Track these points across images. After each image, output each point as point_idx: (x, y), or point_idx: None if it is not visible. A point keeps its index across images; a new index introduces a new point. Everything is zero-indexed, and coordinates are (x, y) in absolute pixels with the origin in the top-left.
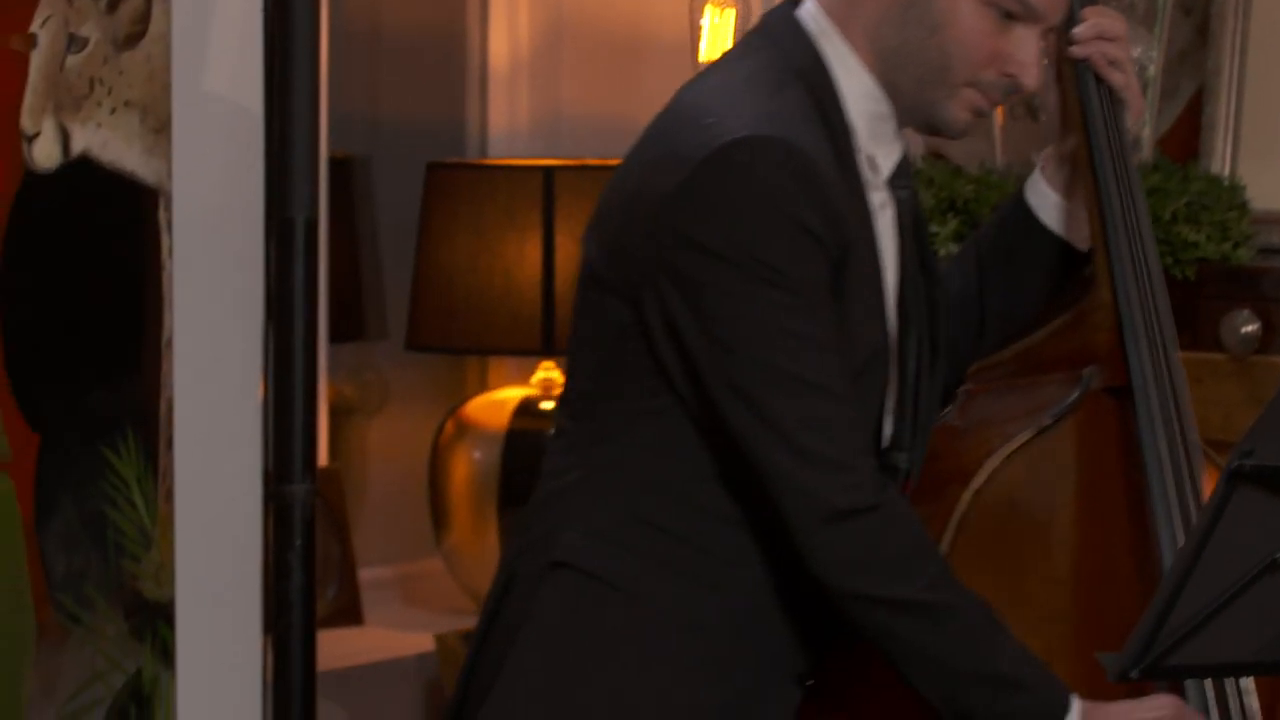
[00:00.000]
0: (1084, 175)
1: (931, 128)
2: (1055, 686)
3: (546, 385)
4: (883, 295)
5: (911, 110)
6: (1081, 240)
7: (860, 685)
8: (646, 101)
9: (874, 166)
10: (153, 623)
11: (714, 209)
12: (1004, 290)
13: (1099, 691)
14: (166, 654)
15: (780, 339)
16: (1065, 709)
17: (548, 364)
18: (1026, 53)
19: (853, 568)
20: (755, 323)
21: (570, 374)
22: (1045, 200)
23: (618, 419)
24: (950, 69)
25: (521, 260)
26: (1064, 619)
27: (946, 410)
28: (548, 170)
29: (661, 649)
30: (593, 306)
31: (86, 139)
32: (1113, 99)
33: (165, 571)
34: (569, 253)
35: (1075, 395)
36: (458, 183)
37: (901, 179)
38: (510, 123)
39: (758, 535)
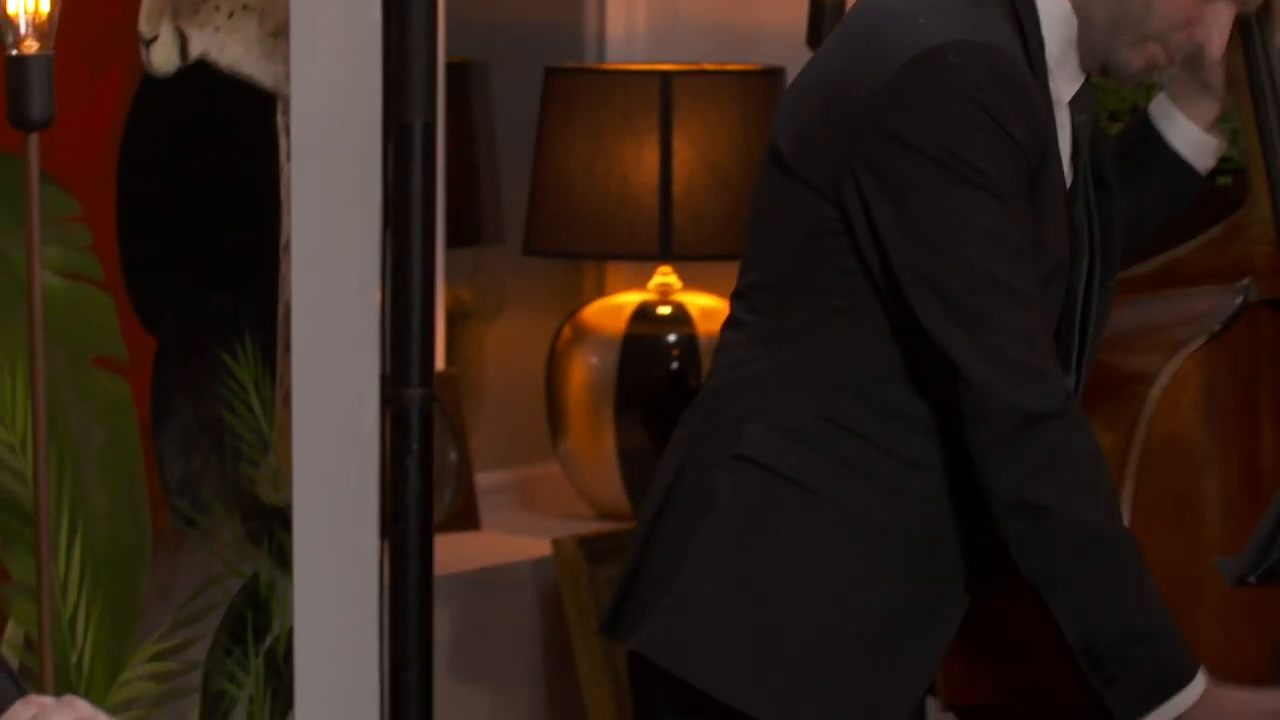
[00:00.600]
0: (1243, 96)
1: (1105, 69)
2: (1185, 651)
3: (663, 290)
4: (1068, 209)
5: (1093, 48)
6: (1205, 165)
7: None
8: (763, 6)
9: (1058, 89)
10: (270, 527)
11: (923, 108)
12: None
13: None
14: (283, 558)
15: (981, 240)
16: (1189, 678)
17: (664, 269)
18: (1223, 25)
19: (1034, 475)
20: (957, 222)
21: (751, 268)
22: (1175, 124)
23: (807, 316)
24: (1147, 20)
25: (639, 165)
26: (1225, 520)
27: None
28: (665, 75)
29: (844, 552)
30: (782, 200)
31: (204, 43)
32: (1263, 20)
33: (282, 476)
34: (686, 157)
35: (1239, 303)
36: (575, 88)
37: (1082, 102)
38: (628, 27)
39: (943, 440)
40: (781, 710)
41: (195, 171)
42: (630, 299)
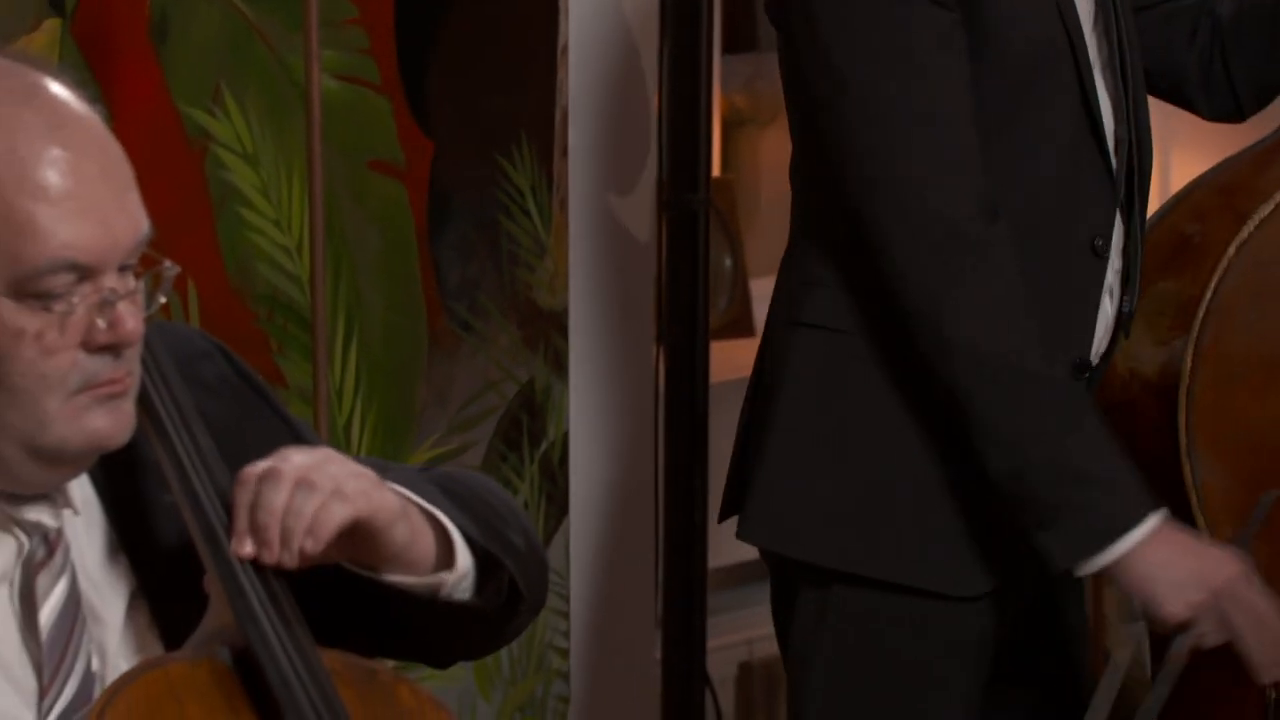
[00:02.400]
0: None
1: None
2: (1130, 495)
3: None
4: None
5: None
6: None
7: None
8: None
9: None
10: (546, 332)
11: None
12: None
13: None
14: (559, 363)
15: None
16: (1135, 520)
17: None
18: None
19: (936, 299)
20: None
21: None
22: None
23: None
24: None
25: None
26: None
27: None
28: None
29: (906, 381)
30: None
31: None
32: None
33: (559, 280)
34: None
35: None
36: None
37: None
38: None
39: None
40: (898, 565)
41: None
42: None
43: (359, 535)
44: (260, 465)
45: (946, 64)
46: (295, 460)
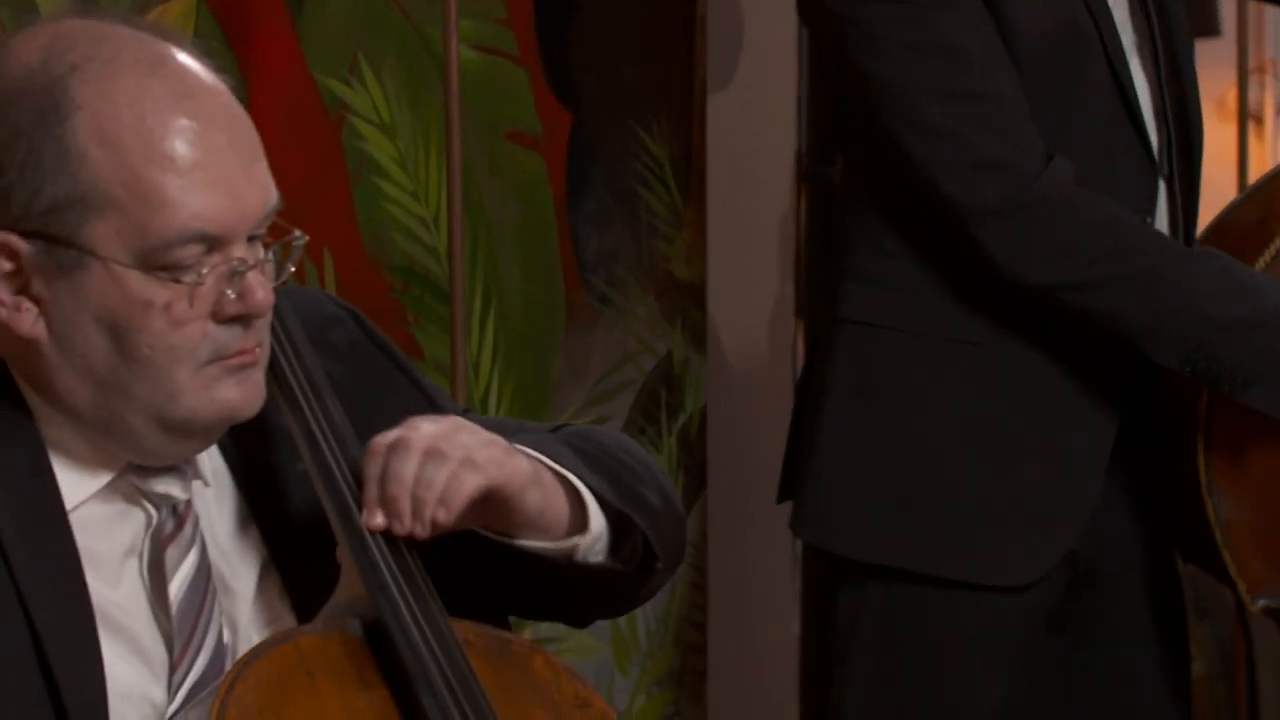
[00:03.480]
0: None
1: None
2: None
3: None
4: None
5: None
6: None
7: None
8: None
9: None
10: (683, 304)
11: None
12: None
13: None
14: (697, 336)
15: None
16: None
17: None
18: None
19: (1017, 261)
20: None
21: None
22: None
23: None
24: None
25: None
26: None
27: None
28: None
29: (956, 378)
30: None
31: None
32: None
33: (696, 252)
34: None
35: None
36: None
37: None
38: None
39: None
40: (942, 559)
41: None
42: None
43: (491, 503)
44: (389, 435)
45: (979, 41)
46: (424, 429)
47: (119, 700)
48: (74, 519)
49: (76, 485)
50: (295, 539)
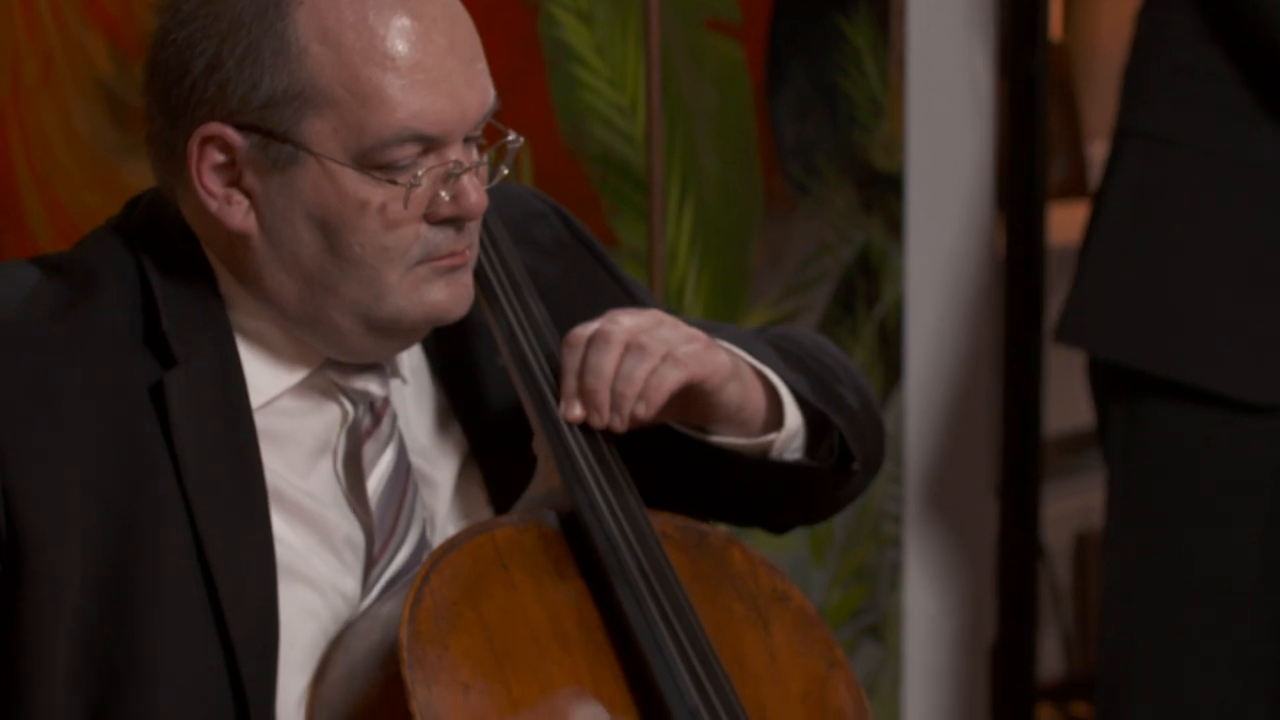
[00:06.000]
0: None
1: None
2: None
3: None
4: None
5: None
6: None
7: None
8: None
9: None
10: (882, 194)
11: None
12: None
13: None
14: (895, 226)
15: None
16: None
17: None
18: None
19: None
20: None
21: None
22: None
23: None
24: None
25: None
26: None
27: None
28: None
29: (1234, 196)
30: None
31: None
32: None
33: (896, 143)
34: None
35: None
36: None
37: None
38: None
39: None
40: (1212, 370)
41: None
42: None
43: (690, 397)
44: (589, 328)
45: None
46: (625, 323)
47: (306, 589)
48: (268, 411)
49: (272, 378)
50: (495, 433)
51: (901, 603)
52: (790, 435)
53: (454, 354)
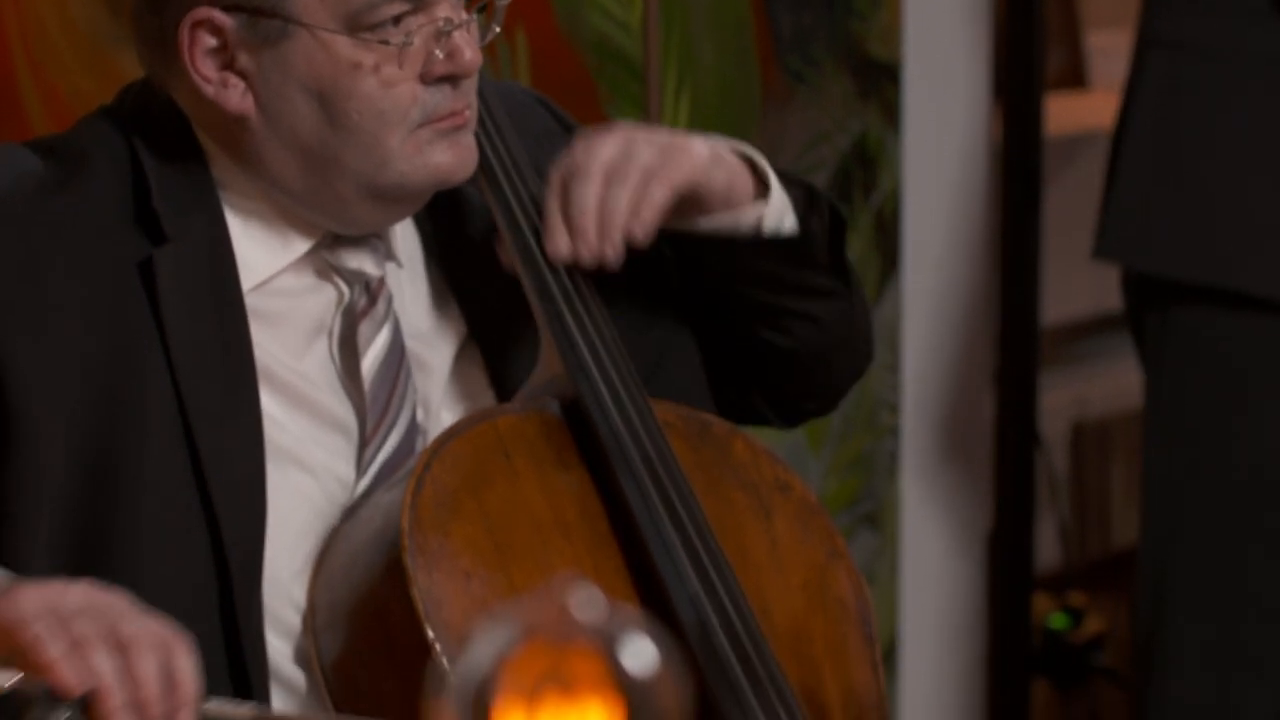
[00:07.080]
0: None
1: None
2: None
3: None
4: None
5: None
6: None
7: None
8: None
9: None
10: (879, 84)
11: None
12: None
13: None
14: (892, 115)
15: None
16: None
17: None
18: None
19: None
20: None
21: None
22: None
23: None
24: None
25: None
26: None
27: None
28: None
29: (1258, 99)
30: None
31: None
32: None
33: (892, 33)
34: None
35: None
36: None
37: None
38: None
39: None
40: (1242, 272)
41: None
42: None
43: (681, 199)
44: (563, 163)
45: None
46: (600, 154)
47: (299, 472)
48: (263, 291)
49: (267, 257)
50: (496, 316)
51: (898, 492)
52: (780, 208)
53: (453, 236)
